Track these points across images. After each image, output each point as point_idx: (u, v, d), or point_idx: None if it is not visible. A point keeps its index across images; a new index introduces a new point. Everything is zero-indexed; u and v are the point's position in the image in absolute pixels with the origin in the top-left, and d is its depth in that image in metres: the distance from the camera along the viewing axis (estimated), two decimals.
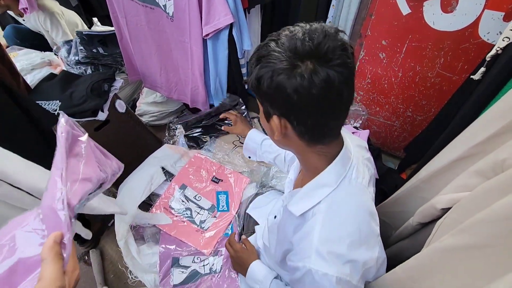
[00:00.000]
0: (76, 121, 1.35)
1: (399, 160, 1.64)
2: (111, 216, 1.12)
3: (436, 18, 1.13)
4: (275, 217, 0.80)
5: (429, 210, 0.60)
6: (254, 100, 0.66)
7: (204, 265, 1.08)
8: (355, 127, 1.40)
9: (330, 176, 0.59)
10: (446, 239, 0.44)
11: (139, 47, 1.55)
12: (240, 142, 1.64)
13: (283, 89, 0.48)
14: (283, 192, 1.06)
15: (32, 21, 2.06)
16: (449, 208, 0.54)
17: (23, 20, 2.15)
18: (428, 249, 0.49)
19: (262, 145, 1.08)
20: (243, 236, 1.06)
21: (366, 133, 1.33)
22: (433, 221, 0.62)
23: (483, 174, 0.49)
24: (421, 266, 0.50)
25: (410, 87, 1.36)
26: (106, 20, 1.81)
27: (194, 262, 1.09)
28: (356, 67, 1.46)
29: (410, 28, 1.20)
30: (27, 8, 1.89)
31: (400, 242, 0.77)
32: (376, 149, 1.33)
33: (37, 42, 2.20)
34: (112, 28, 1.70)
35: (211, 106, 1.60)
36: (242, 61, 1.37)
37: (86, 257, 1.54)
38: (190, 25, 1.23)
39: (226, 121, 1.48)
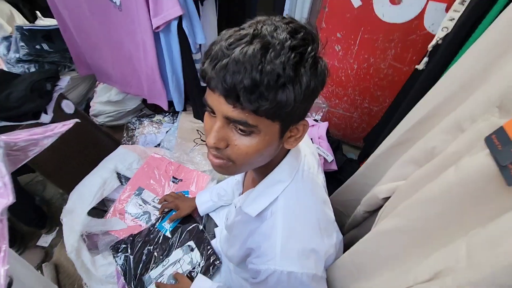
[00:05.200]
0: (15, 125, 1.23)
1: (359, 151, 1.68)
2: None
3: (385, 10, 1.16)
4: (227, 219, 0.78)
5: (373, 199, 0.61)
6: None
7: None
8: (315, 120, 1.41)
9: (284, 171, 0.58)
10: (382, 224, 0.44)
11: (86, 39, 1.45)
12: (201, 139, 1.60)
13: (325, 76, 0.44)
14: None
15: None
16: (389, 197, 0.55)
17: None
18: (368, 233, 0.49)
19: (218, 197, 1.06)
20: (174, 272, 0.98)
21: (325, 125, 1.34)
22: (378, 209, 0.63)
23: (416, 162, 0.50)
24: (362, 249, 0.51)
25: (365, 78, 1.40)
26: (48, 12, 1.67)
27: None
28: None
29: (362, 20, 1.23)
30: None
31: (352, 230, 0.78)
32: (335, 141, 1.35)
33: None
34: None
35: (170, 103, 1.53)
36: (197, 56, 1.32)
37: (39, 271, 1.42)
38: (138, 15, 1.16)
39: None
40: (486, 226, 0.27)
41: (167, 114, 1.82)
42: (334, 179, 1.24)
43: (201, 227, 1.10)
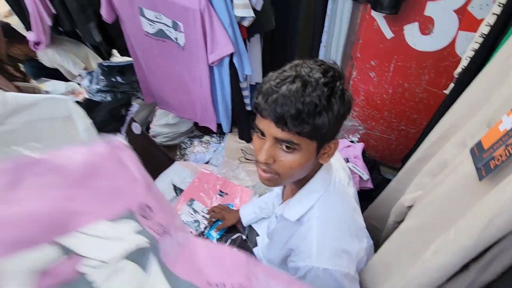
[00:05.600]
0: None
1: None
2: None
3: (417, 40, 1.25)
4: (268, 228, 0.90)
5: (400, 208, 0.68)
6: None
7: None
8: (351, 141, 1.49)
9: (318, 182, 0.69)
10: (402, 224, 0.53)
11: (153, 74, 1.74)
12: (245, 158, 1.76)
13: (351, 104, 0.57)
14: None
15: (45, 58, 2.21)
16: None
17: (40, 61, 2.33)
18: (392, 234, 0.57)
19: (260, 210, 1.17)
20: None
21: (360, 145, 1.41)
22: None
23: (433, 173, 0.58)
24: (387, 249, 0.59)
25: (401, 102, 1.46)
26: (124, 52, 2.03)
27: None
28: (350, 86, 1.58)
29: (395, 49, 1.32)
30: (38, 44, 1.98)
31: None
32: (371, 161, 1.40)
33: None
34: (129, 59, 1.91)
35: (218, 125, 1.74)
36: (244, 84, 1.52)
37: None
38: (198, 54, 1.40)
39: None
40: (467, 213, 0.36)
41: (214, 135, 2.03)
42: (370, 197, 1.29)
43: (244, 236, 1.22)
